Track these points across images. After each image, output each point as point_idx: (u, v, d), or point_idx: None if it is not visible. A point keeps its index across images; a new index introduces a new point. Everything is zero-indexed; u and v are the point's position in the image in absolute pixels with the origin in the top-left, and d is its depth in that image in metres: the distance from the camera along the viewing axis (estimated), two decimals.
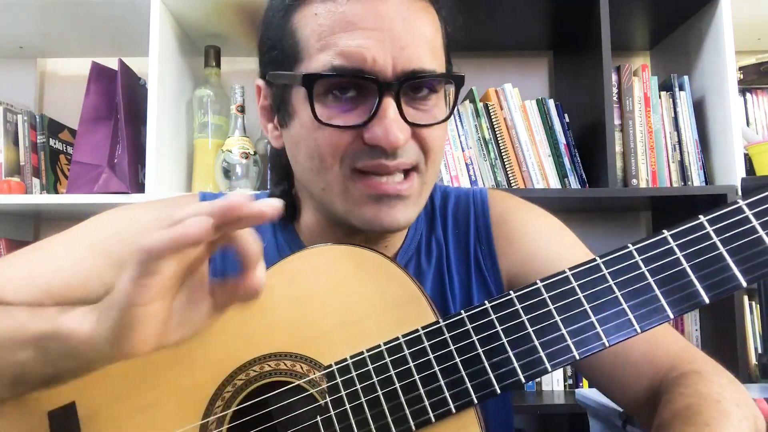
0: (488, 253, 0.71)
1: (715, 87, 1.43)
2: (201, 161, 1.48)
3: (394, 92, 0.55)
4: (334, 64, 0.55)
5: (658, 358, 0.61)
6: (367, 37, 0.54)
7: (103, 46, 1.59)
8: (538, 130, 1.43)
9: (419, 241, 0.71)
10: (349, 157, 0.57)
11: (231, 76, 1.63)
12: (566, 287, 0.50)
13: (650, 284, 0.49)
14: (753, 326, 1.43)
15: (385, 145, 0.55)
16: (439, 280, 0.70)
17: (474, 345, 0.50)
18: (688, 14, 1.51)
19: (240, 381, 0.54)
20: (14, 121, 1.48)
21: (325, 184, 0.59)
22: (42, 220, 1.69)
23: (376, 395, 0.51)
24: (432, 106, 0.60)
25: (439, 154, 0.62)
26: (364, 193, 0.57)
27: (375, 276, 0.55)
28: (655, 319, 0.48)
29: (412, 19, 0.57)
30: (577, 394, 1.07)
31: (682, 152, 1.44)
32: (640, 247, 0.50)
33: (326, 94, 0.56)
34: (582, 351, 0.48)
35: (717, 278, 0.48)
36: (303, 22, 0.58)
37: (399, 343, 0.52)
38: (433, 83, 0.59)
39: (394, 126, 0.54)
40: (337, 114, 0.56)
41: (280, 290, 0.56)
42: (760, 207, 0.48)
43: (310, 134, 0.58)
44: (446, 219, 0.73)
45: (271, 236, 0.71)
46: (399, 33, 0.55)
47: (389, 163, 0.56)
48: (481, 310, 0.51)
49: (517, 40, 1.65)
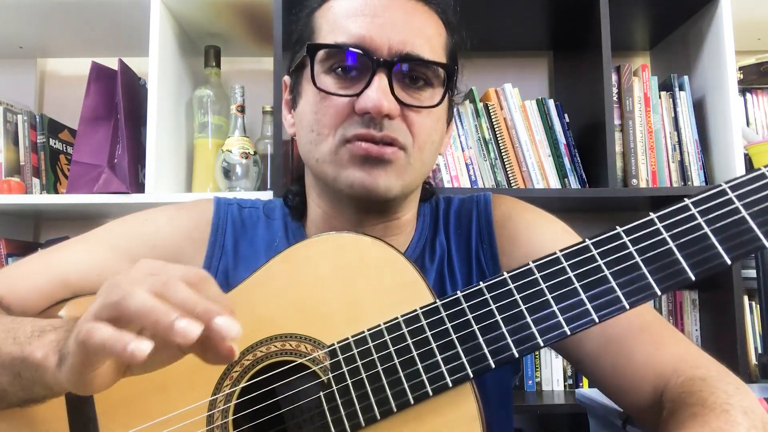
0: (490, 252, 0.72)
1: (715, 87, 1.43)
2: (201, 161, 1.48)
3: (386, 70, 0.61)
4: (336, 40, 0.62)
5: (662, 361, 0.60)
6: (369, 22, 0.62)
7: (103, 46, 1.59)
8: (538, 130, 1.43)
9: (424, 245, 0.73)
10: (343, 127, 0.62)
11: (231, 76, 1.63)
12: (557, 267, 0.52)
13: (638, 263, 0.51)
14: (753, 326, 1.43)
15: (372, 110, 0.59)
16: (440, 278, 0.72)
17: (469, 322, 0.52)
18: (688, 14, 1.51)
19: (247, 361, 0.56)
20: (14, 121, 1.48)
21: (320, 155, 0.64)
22: (42, 220, 1.69)
23: (376, 371, 0.53)
24: (426, 97, 0.64)
25: (427, 143, 0.65)
26: (350, 155, 0.62)
27: (376, 261, 0.58)
28: (643, 296, 0.50)
29: (414, 15, 0.64)
30: (577, 394, 1.07)
31: (682, 152, 1.44)
32: (627, 228, 0.52)
33: (329, 72, 0.63)
34: (573, 327, 0.50)
35: (702, 256, 0.50)
36: (320, 15, 0.66)
37: (398, 321, 0.54)
38: (429, 75, 0.63)
39: (380, 94, 0.59)
40: (336, 88, 0.63)
41: (286, 276, 0.59)
42: (741, 189, 0.51)
43: (312, 108, 0.64)
44: (449, 222, 0.75)
45: (283, 234, 0.74)
46: (399, 23, 0.62)
47: (376, 133, 0.61)
48: (476, 289, 0.54)
49: (517, 40, 1.65)
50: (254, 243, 0.73)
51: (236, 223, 0.74)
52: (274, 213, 0.76)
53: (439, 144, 0.68)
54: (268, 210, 0.77)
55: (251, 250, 0.72)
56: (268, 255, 0.71)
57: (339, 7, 0.64)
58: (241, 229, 0.74)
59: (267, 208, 0.77)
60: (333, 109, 0.62)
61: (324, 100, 0.63)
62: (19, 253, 1.50)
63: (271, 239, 0.73)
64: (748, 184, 0.51)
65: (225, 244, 0.72)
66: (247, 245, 0.73)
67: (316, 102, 0.64)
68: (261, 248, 0.72)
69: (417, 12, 0.64)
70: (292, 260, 0.59)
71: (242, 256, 0.72)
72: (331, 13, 0.64)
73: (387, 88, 0.60)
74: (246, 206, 0.77)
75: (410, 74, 0.63)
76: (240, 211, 0.76)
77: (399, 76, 0.62)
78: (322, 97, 0.63)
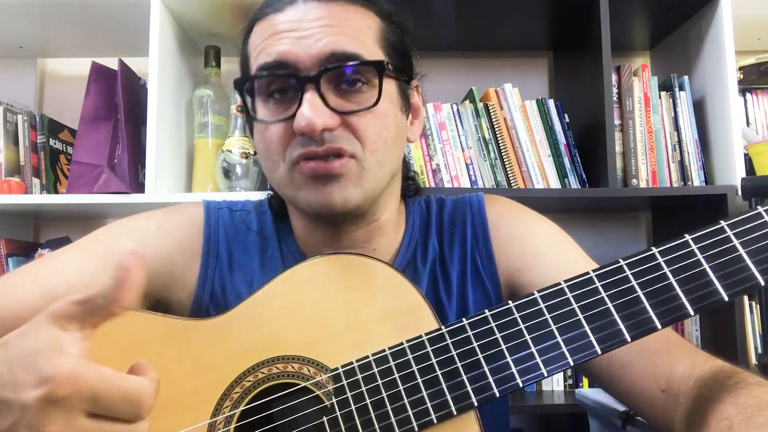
0: (486, 253, 0.72)
1: (715, 87, 1.43)
2: (201, 161, 1.48)
3: (314, 84, 0.59)
4: (259, 63, 0.62)
5: (674, 358, 0.60)
6: (286, 39, 0.61)
7: (103, 46, 1.59)
8: (538, 130, 1.43)
9: (415, 247, 0.73)
10: (288, 150, 0.62)
11: (231, 76, 1.62)
12: (561, 298, 0.53)
13: (639, 297, 0.51)
14: (753, 326, 1.43)
15: (306, 131, 0.58)
16: (433, 280, 0.71)
17: (474, 351, 0.52)
18: (688, 14, 1.51)
19: (248, 382, 0.55)
20: (14, 121, 1.48)
21: (278, 179, 0.64)
22: (42, 220, 1.69)
23: (381, 397, 0.52)
24: (366, 98, 0.62)
25: (378, 143, 0.63)
26: (302, 177, 0.61)
27: (381, 285, 0.57)
28: (644, 329, 0.51)
29: (331, 15, 0.61)
30: (577, 394, 1.07)
31: (682, 152, 1.44)
32: (630, 261, 0.53)
33: (267, 99, 0.63)
34: (576, 358, 0.51)
35: (701, 292, 0.51)
36: (249, 44, 0.66)
37: (403, 347, 0.54)
38: (363, 73, 0.61)
39: (311, 112, 0.58)
40: (274, 114, 0.62)
41: (290, 296, 0.58)
42: (739, 228, 0.52)
43: (260, 137, 0.64)
44: (441, 224, 0.75)
45: (276, 243, 0.72)
46: (316, 30, 0.60)
47: (318, 149, 0.60)
48: (481, 318, 0.53)
49: (517, 40, 1.65)
50: (248, 249, 0.72)
51: (228, 228, 0.73)
52: (265, 216, 0.75)
53: (397, 137, 0.65)
54: (259, 213, 0.75)
55: (245, 257, 0.71)
56: (262, 262, 0.71)
57: (259, 32, 0.63)
58: (234, 234, 0.72)
59: (258, 211, 0.76)
60: (275, 136, 0.62)
61: (267, 128, 0.62)
62: (19, 253, 1.50)
63: (264, 246, 0.72)
64: (745, 223, 0.52)
65: (219, 252, 0.71)
66: (241, 252, 0.71)
67: (261, 132, 0.64)
68: (255, 254, 0.71)
69: (335, 11, 0.62)
70: (296, 280, 0.59)
71: (237, 263, 0.71)
72: (258, 37, 0.64)
73: (318, 103, 0.59)
74: (236, 209, 0.75)
75: (342, 79, 0.61)
76: (231, 215, 0.74)
77: (331, 84, 0.61)
78: (265, 126, 0.63)
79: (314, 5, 0.62)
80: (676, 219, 1.56)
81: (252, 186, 1.42)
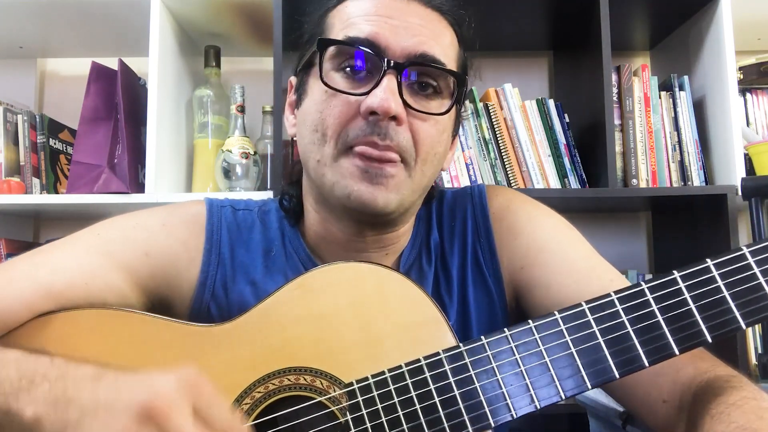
0: (487, 247, 0.71)
1: (715, 87, 1.43)
2: (201, 161, 1.48)
3: (396, 72, 0.60)
4: (349, 35, 0.61)
5: (672, 365, 0.59)
6: (384, 23, 0.61)
7: (103, 46, 1.59)
8: (538, 130, 1.43)
9: (420, 247, 0.72)
10: (347, 132, 0.61)
11: (231, 76, 1.63)
12: (582, 320, 0.52)
13: (659, 322, 0.51)
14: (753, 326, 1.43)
15: (378, 109, 0.58)
16: (436, 279, 0.70)
17: (493, 371, 0.51)
18: (688, 14, 1.51)
19: (258, 393, 0.54)
20: (14, 121, 1.48)
21: (321, 156, 0.62)
22: (42, 220, 1.69)
23: (397, 415, 0.51)
24: (434, 106, 0.63)
25: (431, 154, 0.64)
26: (352, 166, 0.61)
27: (396, 296, 0.56)
28: (661, 356, 0.51)
29: (431, 22, 0.63)
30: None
31: (682, 152, 1.44)
32: (651, 286, 0.52)
33: (338, 71, 0.62)
34: (594, 383, 0.51)
35: (720, 319, 0.51)
36: (334, 14, 0.66)
37: (421, 365, 0.52)
38: (439, 83, 0.63)
39: (388, 93, 0.58)
40: (344, 86, 0.62)
41: (301, 305, 0.56)
42: (760, 256, 0.52)
43: (317, 107, 0.63)
44: (442, 217, 0.74)
45: (280, 243, 0.71)
46: (414, 26, 0.62)
47: (379, 141, 0.60)
48: (501, 337, 0.53)
49: (517, 40, 1.65)
50: (250, 248, 0.70)
51: (231, 227, 0.71)
52: (269, 216, 0.73)
53: (442, 158, 0.67)
54: (263, 213, 0.74)
55: (248, 257, 0.69)
56: (266, 261, 0.69)
57: (354, 7, 0.63)
58: (237, 233, 0.71)
59: (262, 211, 0.74)
60: (338, 109, 0.61)
61: (331, 98, 0.61)
62: (19, 253, 1.49)
63: (267, 246, 0.70)
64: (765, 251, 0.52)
65: (221, 251, 0.69)
66: (244, 251, 0.70)
67: (322, 100, 0.62)
68: (258, 254, 0.70)
69: (434, 20, 0.64)
70: (307, 288, 0.57)
71: (239, 263, 0.69)
72: (345, 13, 0.64)
73: (396, 90, 0.59)
74: (240, 208, 0.74)
75: (420, 81, 0.62)
76: (234, 214, 0.72)
77: (409, 80, 0.62)
78: (329, 95, 0.61)
79: (417, 5, 0.63)
80: (676, 219, 1.56)
81: (252, 186, 1.42)
